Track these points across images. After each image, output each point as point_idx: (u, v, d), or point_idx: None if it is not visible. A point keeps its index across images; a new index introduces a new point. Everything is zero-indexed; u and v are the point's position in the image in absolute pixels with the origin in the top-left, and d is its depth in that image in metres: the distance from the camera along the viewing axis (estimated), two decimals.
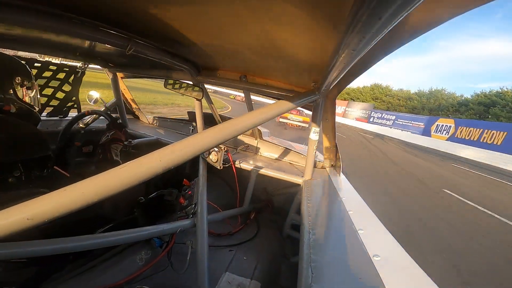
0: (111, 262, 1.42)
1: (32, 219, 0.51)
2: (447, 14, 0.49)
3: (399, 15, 0.40)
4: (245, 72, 1.57)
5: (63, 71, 2.12)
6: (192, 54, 1.42)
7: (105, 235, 1.19)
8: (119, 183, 0.60)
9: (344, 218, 1.15)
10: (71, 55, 1.88)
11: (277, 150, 2.41)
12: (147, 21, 0.94)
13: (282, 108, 1.04)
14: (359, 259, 0.82)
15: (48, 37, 1.36)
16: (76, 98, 2.31)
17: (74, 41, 1.54)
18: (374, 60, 0.82)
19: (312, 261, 0.77)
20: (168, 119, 3.12)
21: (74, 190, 0.56)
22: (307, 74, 1.21)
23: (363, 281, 0.72)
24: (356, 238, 0.95)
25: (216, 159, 1.76)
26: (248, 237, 2.06)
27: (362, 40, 0.51)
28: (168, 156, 0.67)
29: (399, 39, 0.62)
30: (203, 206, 1.59)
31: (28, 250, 0.91)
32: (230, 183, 2.08)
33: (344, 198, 1.40)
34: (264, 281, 1.60)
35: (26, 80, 1.21)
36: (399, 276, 0.77)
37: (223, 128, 0.84)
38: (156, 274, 1.48)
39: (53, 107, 2.18)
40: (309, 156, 1.67)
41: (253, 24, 0.73)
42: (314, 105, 1.46)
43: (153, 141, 2.44)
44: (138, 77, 2.82)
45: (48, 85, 2.07)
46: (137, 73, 2.49)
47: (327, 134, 1.79)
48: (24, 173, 1.12)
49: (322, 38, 0.71)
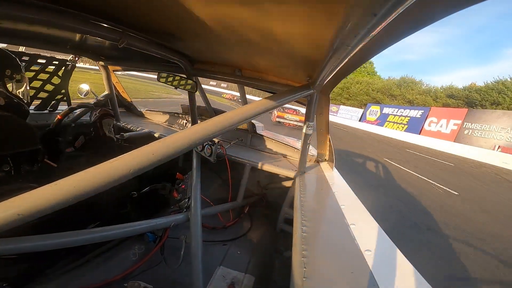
0: (104, 258, 1.41)
1: (23, 215, 0.50)
2: (442, 11, 0.49)
3: (394, 11, 0.40)
4: (239, 66, 1.56)
5: (53, 64, 2.06)
6: (185, 47, 1.40)
7: (97, 230, 1.18)
8: (112, 177, 0.59)
9: (336, 212, 1.16)
10: (61, 48, 1.83)
11: (271, 144, 2.42)
12: (139, 14, 0.92)
13: (276, 102, 1.04)
14: (351, 254, 0.84)
15: (37, 30, 1.33)
16: (66, 91, 2.25)
17: (64, 34, 1.50)
18: (369, 55, 0.82)
19: (304, 255, 0.78)
20: (161, 112, 3.08)
21: (66, 184, 0.55)
22: (301, 69, 1.21)
23: (354, 275, 0.73)
24: (348, 233, 0.97)
25: (209, 152, 1.76)
26: (241, 231, 2.07)
27: (357, 36, 0.50)
28: (161, 149, 0.67)
29: (394, 35, 0.62)
30: (196, 200, 1.58)
31: (18, 246, 0.90)
32: (224, 177, 2.08)
33: (336, 192, 1.41)
34: (258, 275, 1.61)
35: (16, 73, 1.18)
36: (389, 271, 0.79)
37: (217, 121, 0.83)
38: (150, 269, 1.48)
39: (41, 99, 2.13)
40: (303, 150, 1.68)
41: (248, 17, 0.72)
42: (308, 100, 1.46)
43: (145, 135, 2.41)
44: (130, 70, 2.77)
45: (36, 78, 2.02)
46: (129, 66, 2.44)
47: (320, 129, 1.80)
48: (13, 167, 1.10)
49: (317, 33, 0.70)
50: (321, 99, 1.54)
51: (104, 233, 1.20)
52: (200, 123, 0.81)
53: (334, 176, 1.75)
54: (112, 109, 2.60)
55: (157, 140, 0.69)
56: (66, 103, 2.29)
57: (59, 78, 2.17)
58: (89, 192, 0.57)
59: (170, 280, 1.46)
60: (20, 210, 0.49)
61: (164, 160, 0.67)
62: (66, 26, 0.91)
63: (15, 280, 1.07)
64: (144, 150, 0.65)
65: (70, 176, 0.56)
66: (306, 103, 1.48)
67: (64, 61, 2.12)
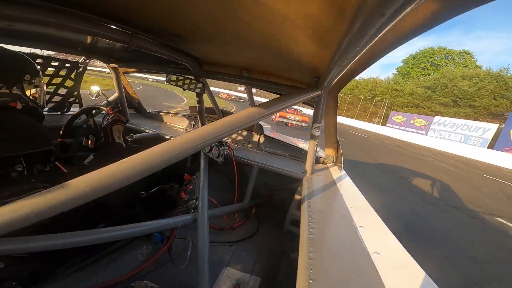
0: (112, 257, 1.43)
1: (35, 214, 0.51)
2: (451, 11, 0.48)
3: (403, 11, 0.39)
4: (246, 67, 1.56)
5: (65, 67, 2.12)
6: (193, 49, 1.41)
7: (106, 230, 1.20)
8: (122, 177, 0.60)
9: (344, 214, 1.15)
10: (73, 50, 1.87)
11: (278, 145, 2.41)
12: (149, 16, 0.93)
13: (284, 104, 1.03)
14: (359, 256, 0.82)
15: (49, 32, 1.36)
16: (78, 93, 2.31)
17: (76, 37, 1.53)
18: (378, 56, 0.81)
19: (311, 257, 0.78)
20: (169, 114, 3.12)
21: (77, 184, 0.56)
22: (309, 70, 1.20)
23: (362, 277, 0.72)
24: (356, 235, 0.95)
25: (217, 154, 1.77)
26: (248, 232, 2.07)
27: (365, 36, 0.50)
28: (170, 150, 0.68)
29: (403, 35, 0.61)
30: (204, 201, 1.59)
31: (29, 245, 0.92)
32: (231, 178, 2.09)
33: (344, 194, 1.40)
34: (264, 276, 1.61)
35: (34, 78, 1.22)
36: (398, 274, 0.77)
37: (225, 123, 0.84)
38: (157, 269, 1.49)
39: (55, 102, 2.19)
40: (310, 152, 1.67)
41: (255, 19, 0.73)
42: (316, 101, 1.45)
43: (154, 136, 2.44)
44: (140, 72, 2.81)
45: (51, 82, 2.08)
46: (139, 68, 2.48)
47: (328, 130, 1.78)
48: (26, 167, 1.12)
49: (325, 33, 0.70)
50: (328, 100, 1.53)
51: (113, 233, 1.22)
52: (208, 125, 0.81)
53: (343, 178, 1.74)
54: (122, 110, 2.64)
55: (166, 141, 0.70)
56: (78, 105, 2.34)
57: (72, 81, 2.23)
58: (100, 192, 0.58)
59: (176, 280, 1.47)
60: (32, 209, 0.51)
61: (172, 161, 0.68)
62: (77, 29, 0.93)
63: (25, 279, 1.09)
64: (153, 151, 0.66)
65: (82, 176, 0.57)
66: (314, 104, 1.48)
67: (76, 64, 2.17)
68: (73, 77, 2.21)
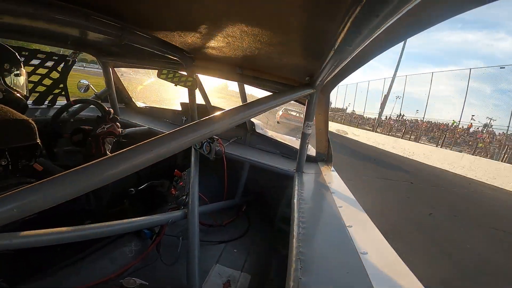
0: (100, 254, 1.41)
1: (19, 210, 0.49)
2: (445, 13, 0.49)
3: (397, 12, 0.39)
4: (239, 64, 1.55)
5: (52, 59, 2.05)
6: (186, 44, 1.39)
7: (94, 226, 1.17)
8: (110, 173, 0.59)
9: (334, 213, 1.16)
10: (62, 44, 1.82)
11: (270, 142, 2.42)
12: (140, 9, 0.91)
13: (276, 101, 1.04)
14: (347, 255, 0.84)
15: (38, 25, 1.31)
16: (64, 86, 2.24)
17: (65, 30, 1.48)
18: (371, 56, 0.82)
19: (301, 254, 0.79)
20: (160, 109, 3.08)
21: (63, 180, 0.54)
22: (302, 68, 1.21)
23: (350, 275, 0.73)
24: (345, 234, 0.97)
25: (208, 150, 1.76)
26: (239, 229, 2.07)
27: (359, 36, 0.50)
28: (160, 146, 0.67)
29: (396, 36, 0.62)
30: (194, 197, 1.58)
31: (13, 242, 0.89)
32: (222, 174, 2.09)
33: (334, 193, 1.42)
34: (254, 274, 1.62)
35: (15, 67, 1.17)
36: (385, 273, 0.79)
37: (216, 119, 0.83)
38: (146, 266, 1.47)
39: (39, 93, 2.11)
40: (301, 149, 1.68)
41: (249, 16, 0.72)
42: (308, 99, 1.46)
43: (145, 131, 2.41)
44: (130, 67, 2.76)
45: (35, 72, 2.01)
46: (129, 62, 2.43)
47: (320, 128, 1.80)
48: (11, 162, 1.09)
49: (318, 32, 0.70)
50: (321, 98, 1.54)
51: (101, 229, 1.20)
52: (199, 121, 0.80)
53: (332, 176, 1.76)
54: (111, 104, 2.58)
55: (156, 136, 0.69)
56: (65, 98, 2.28)
57: (58, 73, 2.16)
58: (87, 188, 0.56)
59: (166, 277, 1.46)
60: (17, 205, 0.49)
61: (162, 157, 0.67)
62: (67, 22, 0.90)
63: (11, 276, 1.06)
64: (142, 146, 0.65)
65: (69, 171, 0.56)
66: (306, 102, 1.48)
67: (64, 57, 2.11)
68: (60, 69, 2.15)
